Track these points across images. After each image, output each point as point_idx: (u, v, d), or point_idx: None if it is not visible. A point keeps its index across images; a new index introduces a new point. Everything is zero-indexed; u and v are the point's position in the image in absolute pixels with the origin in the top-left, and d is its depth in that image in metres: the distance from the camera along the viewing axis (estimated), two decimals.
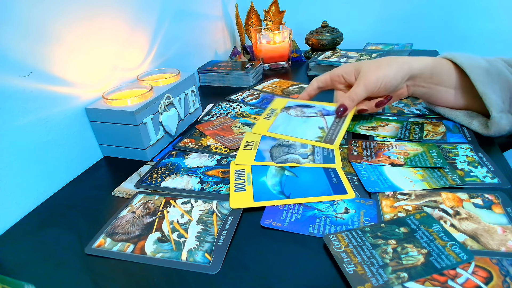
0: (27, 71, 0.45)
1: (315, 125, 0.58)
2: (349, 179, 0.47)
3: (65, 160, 0.52)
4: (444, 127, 0.58)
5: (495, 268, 0.32)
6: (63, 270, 0.37)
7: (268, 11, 1.06)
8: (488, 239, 0.35)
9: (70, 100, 0.53)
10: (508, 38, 1.12)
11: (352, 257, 0.34)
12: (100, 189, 0.50)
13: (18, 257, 0.39)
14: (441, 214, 0.39)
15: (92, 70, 0.57)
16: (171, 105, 0.62)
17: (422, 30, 1.21)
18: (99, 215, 0.45)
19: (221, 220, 0.41)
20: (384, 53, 0.92)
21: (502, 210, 0.39)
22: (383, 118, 0.63)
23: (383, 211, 0.41)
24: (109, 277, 0.35)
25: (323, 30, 1.05)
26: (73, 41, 0.52)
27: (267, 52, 0.98)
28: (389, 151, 0.52)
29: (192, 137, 0.63)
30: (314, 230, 0.39)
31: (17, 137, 0.45)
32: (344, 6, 1.25)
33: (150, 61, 0.73)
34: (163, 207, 0.44)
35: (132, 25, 0.66)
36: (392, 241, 0.36)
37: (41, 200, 0.49)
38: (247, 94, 0.82)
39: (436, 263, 0.32)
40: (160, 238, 0.39)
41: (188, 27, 0.88)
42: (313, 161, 0.50)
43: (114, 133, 0.56)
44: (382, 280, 0.31)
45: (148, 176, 0.52)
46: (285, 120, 0.61)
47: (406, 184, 0.44)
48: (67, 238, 0.41)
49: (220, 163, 0.53)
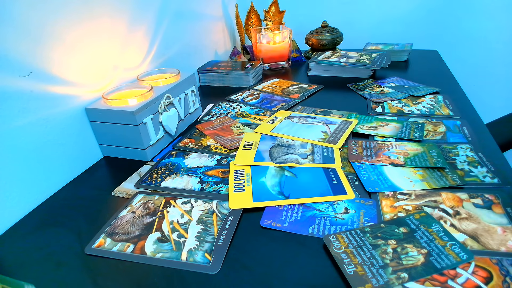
0: (27, 71, 0.45)
1: (318, 129, 0.59)
2: (349, 179, 0.47)
3: (65, 160, 0.52)
4: (444, 126, 0.58)
5: (495, 268, 0.32)
6: (63, 270, 0.37)
7: (268, 11, 1.06)
8: (488, 239, 0.35)
9: (70, 100, 0.53)
10: (508, 38, 1.12)
11: (352, 258, 0.34)
12: (100, 189, 0.50)
13: (18, 257, 0.39)
14: (441, 214, 0.39)
15: (92, 70, 0.57)
16: (171, 105, 0.62)
17: (422, 30, 1.21)
18: (99, 215, 0.45)
19: (221, 220, 0.41)
20: (384, 53, 0.93)
21: (502, 210, 0.39)
22: (383, 118, 0.63)
23: (383, 211, 0.41)
24: (109, 277, 0.35)
25: (323, 30, 1.05)
26: (73, 41, 0.52)
27: (267, 52, 0.98)
28: (389, 151, 0.52)
29: (192, 137, 0.63)
30: (314, 230, 0.39)
31: (17, 137, 0.45)
32: (344, 6, 1.24)
33: (150, 61, 0.73)
34: (163, 207, 0.44)
35: (132, 25, 0.65)
36: (392, 241, 0.36)
37: (41, 200, 0.49)
38: (247, 94, 0.82)
39: (436, 263, 0.32)
40: (160, 238, 0.39)
41: (188, 27, 0.88)
42: (313, 161, 0.50)
43: (114, 133, 0.56)
44: (382, 280, 0.31)
45: (148, 176, 0.52)
46: (288, 124, 0.62)
47: (406, 184, 0.44)
48: (67, 238, 0.41)
49: (220, 163, 0.53)
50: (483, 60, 1.19)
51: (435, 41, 1.19)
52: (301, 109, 0.70)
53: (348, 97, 0.76)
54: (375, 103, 0.70)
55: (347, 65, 0.88)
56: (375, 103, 0.70)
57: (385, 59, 0.88)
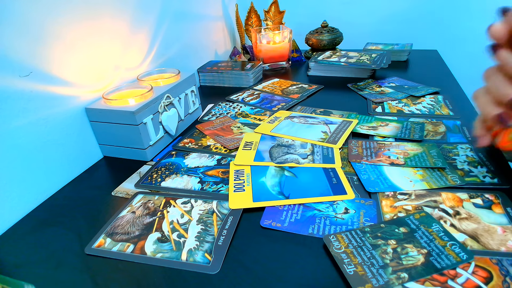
0: (27, 71, 0.45)
1: (318, 129, 0.59)
2: (349, 179, 0.47)
3: (65, 160, 0.52)
4: (444, 126, 0.58)
5: (495, 268, 0.32)
6: (63, 270, 0.37)
7: (268, 11, 1.06)
8: (488, 239, 0.35)
9: (70, 100, 0.53)
10: None
11: (352, 258, 0.34)
12: (100, 189, 0.50)
13: (18, 257, 0.39)
14: (441, 214, 0.39)
15: (92, 70, 0.57)
16: (171, 105, 0.62)
17: (422, 30, 1.21)
18: (99, 215, 0.45)
19: (221, 220, 0.41)
20: (384, 53, 0.92)
21: (502, 210, 0.39)
22: (383, 118, 0.63)
23: (383, 211, 0.41)
24: (109, 277, 0.35)
25: (323, 30, 1.05)
26: (73, 41, 0.52)
27: (267, 52, 0.98)
28: (389, 151, 0.52)
29: (192, 137, 0.63)
30: (314, 230, 0.39)
31: (17, 137, 0.45)
32: (344, 6, 1.25)
33: (150, 61, 0.73)
34: (163, 207, 0.44)
35: (132, 25, 0.65)
36: (392, 241, 0.36)
37: (41, 200, 0.49)
38: (247, 94, 0.82)
39: (436, 263, 0.32)
40: (160, 238, 0.39)
41: (188, 27, 0.88)
42: (313, 161, 0.50)
43: (114, 133, 0.56)
44: (382, 280, 0.31)
45: (148, 176, 0.52)
46: (288, 124, 0.62)
47: (406, 184, 0.44)
48: (67, 238, 0.41)
49: (220, 163, 0.53)
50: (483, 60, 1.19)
51: (435, 41, 1.19)
52: (301, 109, 0.70)
53: (348, 97, 0.76)
54: (375, 103, 0.70)
55: (347, 65, 0.88)
56: (375, 103, 0.70)
57: (385, 59, 0.88)
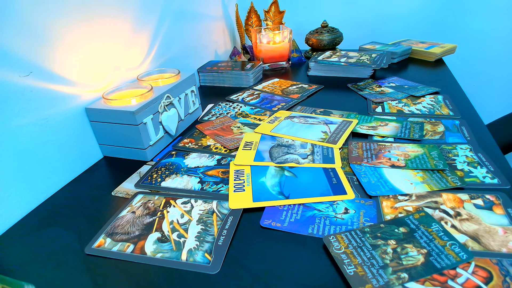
0: (27, 71, 0.45)
1: (318, 129, 0.59)
2: (349, 179, 0.47)
3: (65, 160, 0.52)
4: (443, 126, 0.58)
5: (495, 268, 0.32)
6: (63, 270, 0.36)
7: (268, 11, 1.06)
8: (489, 240, 0.35)
9: (70, 100, 0.53)
10: (508, 39, 1.12)
11: (352, 258, 0.34)
12: (100, 189, 0.50)
13: (18, 257, 0.39)
14: (442, 215, 0.39)
15: (92, 70, 0.57)
16: (171, 105, 0.62)
17: (422, 30, 1.21)
18: (99, 215, 0.45)
19: (221, 220, 0.41)
20: (384, 53, 0.92)
21: (503, 211, 0.39)
22: (383, 118, 0.63)
23: (383, 212, 0.41)
24: (109, 277, 0.35)
25: (323, 30, 1.05)
26: (73, 41, 0.52)
27: (267, 52, 0.98)
28: (389, 153, 0.51)
29: (192, 137, 0.63)
30: (314, 230, 0.39)
31: (17, 137, 0.45)
32: (344, 6, 1.24)
33: (150, 61, 0.73)
34: (163, 207, 0.44)
35: (132, 25, 0.65)
36: (391, 241, 0.36)
37: (41, 200, 0.49)
38: (247, 94, 0.82)
39: (436, 263, 0.32)
40: (160, 238, 0.39)
41: (188, 27, 0.88)
42: (313, 161, 0.50)
43: (114, 133, 0.56)
44: (382, 281, 0.31)
45: (148, 176, 0.51)
46: (288, 124, 0.62)
47: (406, 187, 0.44)
48: (67, 238, 0.41)
49: (220, 163, 0.53)
50: (483, 60, 1.19)
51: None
52: (301, 109, 0.70)
53: (348, 97, 0.76)
54: (375, 103, 0.70)
55: (347, 65, 0.88)
56: (375, 103, 0.70)
57: (385, 59, 0.88)
